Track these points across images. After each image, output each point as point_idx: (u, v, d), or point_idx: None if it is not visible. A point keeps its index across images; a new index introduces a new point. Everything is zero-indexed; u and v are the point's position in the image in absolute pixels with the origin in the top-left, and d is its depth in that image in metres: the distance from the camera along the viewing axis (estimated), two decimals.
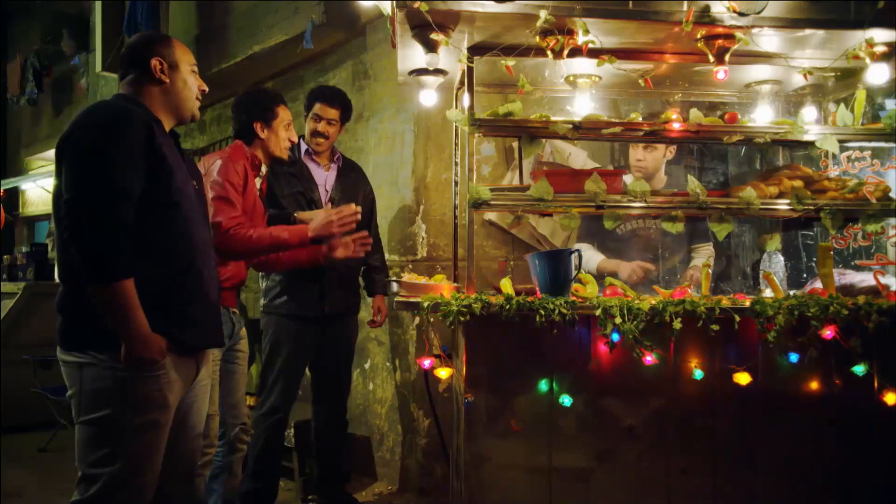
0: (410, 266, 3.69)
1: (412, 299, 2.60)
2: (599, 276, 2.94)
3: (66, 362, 1.88)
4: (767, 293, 2.82)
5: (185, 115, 2.09)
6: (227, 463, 2.79)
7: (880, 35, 2.62)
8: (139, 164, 1.84)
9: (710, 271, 2.84)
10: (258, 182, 2.84)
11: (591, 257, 3.33)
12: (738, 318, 2.45)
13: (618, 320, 2.40)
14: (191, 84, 2.08)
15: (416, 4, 2.42)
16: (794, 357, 2.53)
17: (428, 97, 3.09)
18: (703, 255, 3.43)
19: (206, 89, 2.15)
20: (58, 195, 1.84)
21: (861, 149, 3.49)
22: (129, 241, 1.78)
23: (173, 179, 1.93)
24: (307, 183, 3.23)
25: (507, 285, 2.66)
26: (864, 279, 2.79)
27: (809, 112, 3.23)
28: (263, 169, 2.87)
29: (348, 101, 3.35)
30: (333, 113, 3.27)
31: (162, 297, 1.89)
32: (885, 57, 2.69)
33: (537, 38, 2.58)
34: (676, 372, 2.54)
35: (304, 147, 3.31)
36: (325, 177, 3.31)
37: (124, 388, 1.83)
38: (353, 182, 3.38)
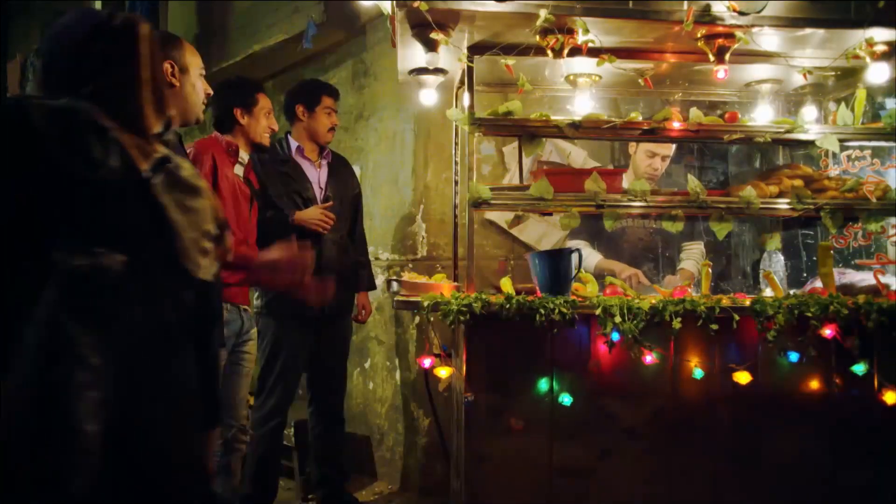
0: (410, 265, 3.68)
1: (412, 298, 2.60)
2: (598, 276, 2.93)
3: None
4: (767, 292, 2.82)
5: (191, 119, 2.08)
6: (226, 463, 2.78)
7: (880, 34, 2.61)
8: None
9: (710, 270, 2.84)
10: (240, 169, 2.80)
11: (589, 256, 3.33)
12: (737, 318, 2.45)
13: (618, 319, 2.39)
14: (199, 88, 2.07)
15: (416, 4, 2.41)
16: (793, 356, 2.52)
17: (428, 96, 3.09)
18: (693, 255, 3.42)
19: (212, 93, 2.15)
20: None
21: (861, 148, 3.49)
22: None
23: None
24: (302, 181, 3.23)
25: (507, 284, 2.66)
26: (864, 278, 2.79)
27: (809, 111, 3.23)
28: (245, 157, 2.84)
29: None
30: (336, 105, 3.33)
31: None
32: (885, 56, 2.69)
33: (537, 38, 2.57)
34: (676, 371, 2.54)
35: (294, 145, 3.30)
36: (317, 174, 3.31)
37: None
38: (343, 178, 3.39)
